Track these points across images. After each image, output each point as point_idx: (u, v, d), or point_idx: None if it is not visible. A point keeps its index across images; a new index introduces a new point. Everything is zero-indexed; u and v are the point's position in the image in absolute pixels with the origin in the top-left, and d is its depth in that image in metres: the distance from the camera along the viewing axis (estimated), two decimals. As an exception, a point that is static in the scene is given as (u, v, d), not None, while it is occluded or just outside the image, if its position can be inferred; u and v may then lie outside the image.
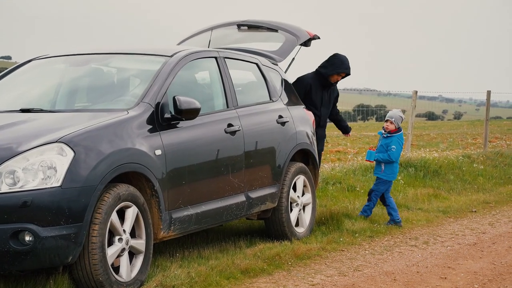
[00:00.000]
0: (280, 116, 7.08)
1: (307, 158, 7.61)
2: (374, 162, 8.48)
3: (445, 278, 6.08)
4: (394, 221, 8.26)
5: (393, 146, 8.26)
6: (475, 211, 9.59)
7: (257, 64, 7.24)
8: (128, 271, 5.12)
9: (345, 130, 8.80)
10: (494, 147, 17.55)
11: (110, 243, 5.00)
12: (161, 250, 6.32)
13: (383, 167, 8.35)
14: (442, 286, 5.83)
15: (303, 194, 7.41)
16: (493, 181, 12.27)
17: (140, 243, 5.25)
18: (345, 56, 8.20)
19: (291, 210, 7.22)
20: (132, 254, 5.24)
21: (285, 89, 7.49)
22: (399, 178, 11.10)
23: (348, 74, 8.24)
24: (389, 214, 8.33)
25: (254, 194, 6.56)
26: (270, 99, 7.20)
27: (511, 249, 7.33)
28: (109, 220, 4.91)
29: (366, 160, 8.63)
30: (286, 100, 7.40)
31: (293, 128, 7.20)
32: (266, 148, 6.80)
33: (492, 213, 9.56)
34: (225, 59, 6.69)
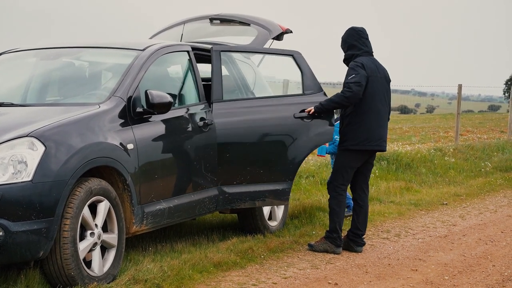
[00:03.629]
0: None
1: None
2: (328, 156, 8.30)
3: (416, 270, 6.15)
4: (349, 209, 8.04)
5: (336, 136, 7.65)
6: (446, 204, 9.69)
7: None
8: (100, 265, 5.11)
9: None
10: (465, 140, 17.74)
11: (82, 238, 4.98)
12: (133, 244, 6.31)
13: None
14: (413, 278, 5.89)
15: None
16: (464, 174, 12.40)
17: (112, 238, 5.24)
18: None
19: (264, 203, 7.22)
20: (104, 248, 5.22)
21: (257, 83, 7.50)
22: (374, 170, 11.16)
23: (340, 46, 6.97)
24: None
25: (227, 189, 6.56)
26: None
27: (481, 241, 7.42)
28: (81, 215, 4.89)
29: (317, 155, 8.26)
30: (259, 93, 7.40)
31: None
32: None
33: (462, 205, 9.67)
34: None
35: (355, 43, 6.78)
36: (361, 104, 6.63)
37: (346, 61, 6.84)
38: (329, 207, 6.82)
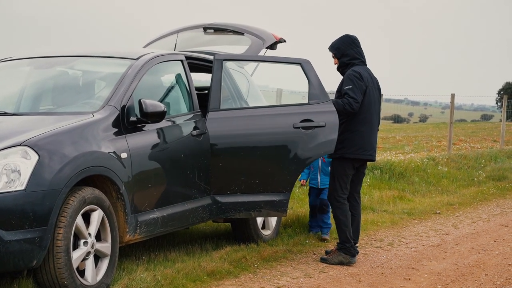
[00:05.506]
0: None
1: None
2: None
3: (409, 279, 6.16)
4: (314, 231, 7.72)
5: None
6: (439, 213, 9.71)
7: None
8: (93, 274, 5.10)
9: None
10: (458, 149, 17.78)
11: (75, 247, 4.97)
12: (127, 253, 6.30)
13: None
14: (406, 287, 5.90)
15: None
16: (456, 183, 12.43)
17: (105, 247, 5.23)
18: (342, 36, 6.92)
19: (257, 212, 7.21)
20: (98, 257, 5.21)
21: (251, 92, 7.51)
22: (365, 180, 11.19)
23: (332, 52, 6.91)
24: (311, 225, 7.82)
25: (220, 198, 6.56)
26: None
27: (474, 250, 7.44)
28: (74, 224, 4.89)
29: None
30: (252, 103, 7.41)
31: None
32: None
33: (455, 214, 9.70)
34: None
35: (351, 52, 6.79)
36: (357, 114, 6.65)
37: (341, 68, 6.85)
38: (334, 218, 6.78)
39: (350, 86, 6.59)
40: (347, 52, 6.79)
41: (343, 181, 6.71)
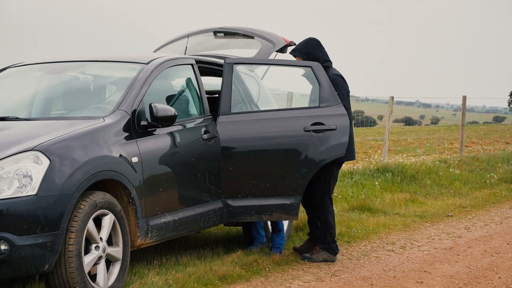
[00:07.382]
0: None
1: None
2: None
3: (422, 282, 6.13)
4: (279, 248, 6.93)
5: None
6: (451, 216, 9.67)
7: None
8: (105, 279, 5.11)
9: None
10: (470, 152, 17.70)
11: (87, 251, 4.99)
12: (138, 257, 6.31)
13: None
14: (418, 290, 5.88)
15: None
16: (469, 185, 12.37)
17: (117, 251, 5.24)
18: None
19: (269, 216, 7.20)
20: (109, 262, 5.22)
21: (261, 96, 7.51)
22: (376, 183, 11.16)
23: (300, 57, 6.98)
24: (273, 240, 6.97)
25: (232, 202, 6.56)
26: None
27: (487, 252, 7.40)
28: (86, 228, 4.90)
29: None
30: (263, 106, 7.41)
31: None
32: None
33: (468, 217, 9.65)
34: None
35: (320, 55, 6.87)
36: None
37: None
38: (323, 221, 6.77)
39: (337, 93, 6.66)
40: (317, 56, 6.87)
41: (333, 184, 6.83)
